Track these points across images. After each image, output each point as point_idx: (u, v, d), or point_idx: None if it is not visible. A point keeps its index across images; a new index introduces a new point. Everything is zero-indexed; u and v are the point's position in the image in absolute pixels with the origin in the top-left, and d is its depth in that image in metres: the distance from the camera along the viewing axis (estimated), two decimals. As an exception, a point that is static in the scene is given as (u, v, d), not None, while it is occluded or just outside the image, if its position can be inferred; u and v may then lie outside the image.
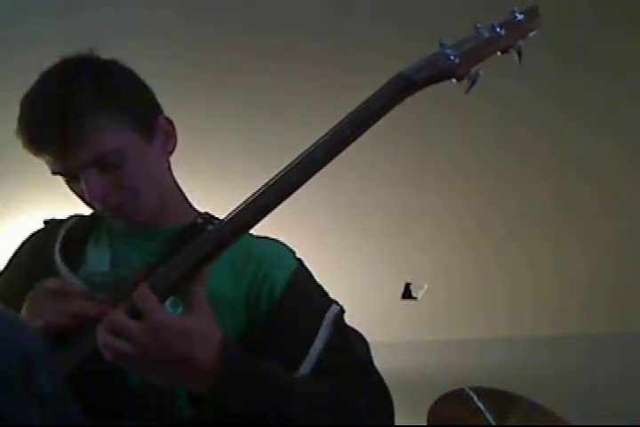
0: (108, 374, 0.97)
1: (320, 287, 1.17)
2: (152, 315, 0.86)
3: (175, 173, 1.18)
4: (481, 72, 0.96)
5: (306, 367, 1.01)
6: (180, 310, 1.04)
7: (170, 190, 1.16)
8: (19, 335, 0.81)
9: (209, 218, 1.18)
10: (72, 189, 1.09)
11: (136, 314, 0.87)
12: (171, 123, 1.14)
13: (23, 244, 1.23)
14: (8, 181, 2.88)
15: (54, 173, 1.06)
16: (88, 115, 1.01)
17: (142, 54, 2.42)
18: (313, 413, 0.94)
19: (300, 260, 1.18)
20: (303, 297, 1.10)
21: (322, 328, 1.06)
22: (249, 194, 0.96)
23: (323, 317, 1.07)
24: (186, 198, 1.21)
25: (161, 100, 1.15)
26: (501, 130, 2.86)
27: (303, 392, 0.95)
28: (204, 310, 0.90)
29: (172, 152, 1.15)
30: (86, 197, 1.05)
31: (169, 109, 1.15)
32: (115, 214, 1.10)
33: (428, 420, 1.97)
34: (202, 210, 1.22)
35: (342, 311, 1.13)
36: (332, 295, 1.17)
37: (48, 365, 0.83)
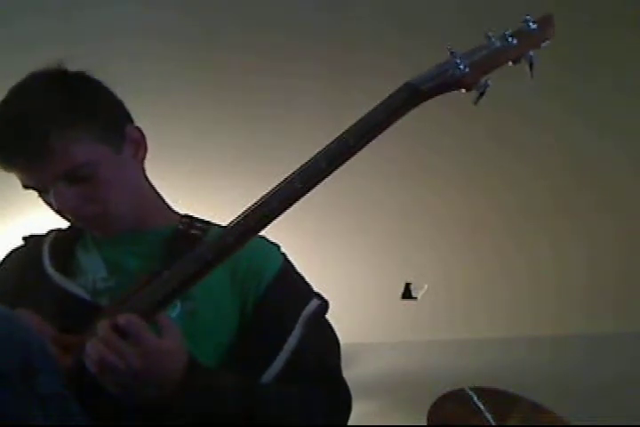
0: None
1: (302, 281, 1.19)
2: (143, 341, 0.89)
3: (175, 174, 1.19)
4: (490, 82, 0.95)
5: (278, 363, 1.05)
6: (177, 310, 1.06)
7: (145, 197, 1.17)
8: (20, 335, 0.81)
9: (191, 220, 1.19)
10: (45, 201, 1.10)
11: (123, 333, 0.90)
12: (140, 131, 1.15)
13: (3, 261, 1.23)
14: (8, 181, 2.88)
15: (25, 186, 1.08)
16: (54, 130, 1.02)
17: (142, 54, 2.43)
18: (270, 416, 0.99)
19: (284, 254, 1.20)
20: (283, 294, 1.13)
21: (297, 326, 1.09)
22: (249, 194, 0.96)
23: (299, 315, 1.10)
24: (164, 202, 1.22)
25: (161, 100, 1.15)
26: (501, 129, 2.86)
27: (261, 399, 1.00)
28: (176, 332, 0.93)
29: (143, 159, 1.15)
30: (57, 209, 1.07)
31: (169, 110, 1.15)
32: (88, 225, 1.11)
33: (428, 420, 1.97)
34: (201, 209, 1.22)
35: (322, 306, 1.15)
36: (332, 295, 1.17)
37: (48, 365, 0.83)
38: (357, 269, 3.71)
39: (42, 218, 1.26)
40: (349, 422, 1.11)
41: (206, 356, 1.05)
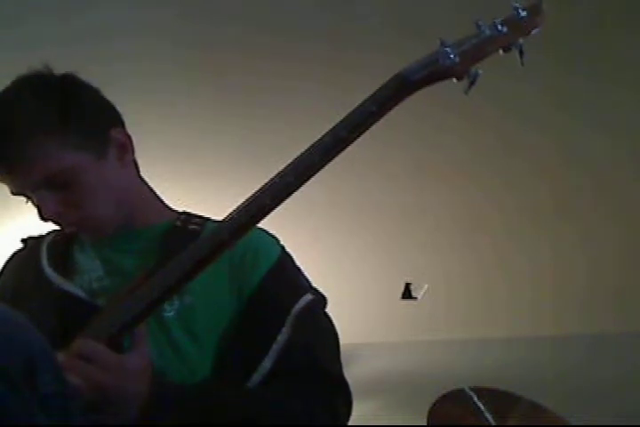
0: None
1: (298, 275, 1.18)
2: (101, 357, 0.89)
3: (175, 174, 1.18)
4: (480, 71, 0.95)
5: (267, 362, 1.05)
6: (175, 306, 1.06)
7: (136, 197, 1.16)
8: (22, 335, 0.81)
9: (188, 216, 1.19)
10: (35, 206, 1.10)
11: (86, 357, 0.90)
12: (125, 134, 1.13)
13: (5, 265, 1.24)
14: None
15: (13, 193, 1.08)
16: (28, 140, 1.02)
17: (142, 54, 2.43)
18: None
19: (282, 246, 1.19)
20: (277, 288, 1.12)
21: (286, 324, 1.08)
22: (249, 194, 0.96)
23: (289, 311, 1.09)
24: (160, 200, 1.21)
25: (161, 100, 1.15)
26: (501, 129, 2.86)
27: (237, 407, 0.99)
28: (144, 349, 0.94)
29: (130, 161, 1.14)
30: (42, 215, 1.07)
31: (169, 110, 1.15)
32: (76, 229, 1.12)
33: (428, 420, 1.96)
34: (201, 209, 1.22)
35: (315, 302, 1.14)
36: (332, 295, 1.17)
37: (51, 365, 0.83)
38: (357, 268, 3.71)
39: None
40: (349, 423, 1.10)
41: (205, 351, 1.05)
